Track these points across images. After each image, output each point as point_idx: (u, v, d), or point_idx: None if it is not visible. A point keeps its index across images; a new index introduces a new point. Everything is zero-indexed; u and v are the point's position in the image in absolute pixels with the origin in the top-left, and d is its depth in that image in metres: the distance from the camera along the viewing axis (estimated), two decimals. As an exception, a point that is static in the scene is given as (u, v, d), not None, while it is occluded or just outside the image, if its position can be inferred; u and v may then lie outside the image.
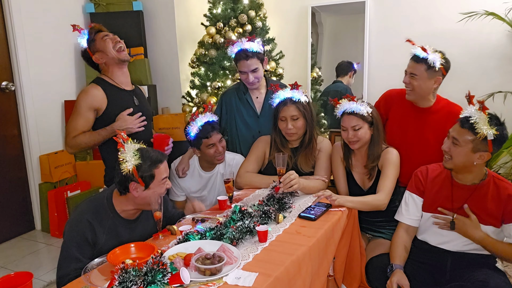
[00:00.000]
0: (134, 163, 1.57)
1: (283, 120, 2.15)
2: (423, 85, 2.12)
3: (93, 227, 1.59)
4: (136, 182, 1.59)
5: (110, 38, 2.19)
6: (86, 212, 1.62)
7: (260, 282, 1.27)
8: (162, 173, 1.65)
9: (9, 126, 3.27)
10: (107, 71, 2.23)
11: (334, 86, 3.65)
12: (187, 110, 3.54)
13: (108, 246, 1.58)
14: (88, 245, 1.58)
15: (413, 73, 2.12)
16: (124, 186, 1.61)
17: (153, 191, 1.63)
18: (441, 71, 2.12)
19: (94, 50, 2.18)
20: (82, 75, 3.69)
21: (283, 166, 1.96)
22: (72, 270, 1.53)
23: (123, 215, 1.69)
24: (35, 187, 3.39)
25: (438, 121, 2.18)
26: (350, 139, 2.04)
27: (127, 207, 1.68)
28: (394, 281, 1.72)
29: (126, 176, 1.58)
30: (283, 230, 1.67)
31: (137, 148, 1.61)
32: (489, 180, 1.75)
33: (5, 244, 3.22)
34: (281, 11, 3.77)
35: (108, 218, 1.64)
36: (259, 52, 2.32)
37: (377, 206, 1.96)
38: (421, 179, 1.89)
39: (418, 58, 2.10)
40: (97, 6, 3.70)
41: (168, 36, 3.77)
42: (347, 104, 2.04)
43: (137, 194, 1.61)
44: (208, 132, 2.21)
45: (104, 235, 1.62)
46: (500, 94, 2.88)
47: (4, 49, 3.20)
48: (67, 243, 1.58)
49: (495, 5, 2.91)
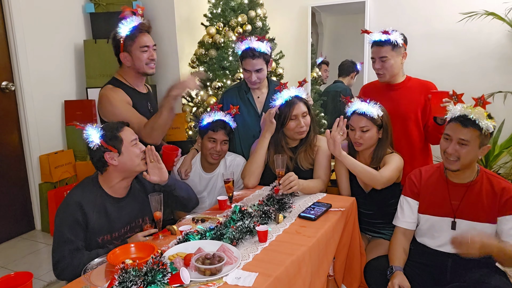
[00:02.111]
0: (98, 136, 1.66)
1: (294, 119, 2.13)
2: (394, 64, 2.23)
3: (82, 206, 1.63)
4: (108, 151, 1.66)
5: (148, 53, 2.13)
6: (74, 194, 1.67)
7: (260, 282, 1.27)
8: (129, 135, 1.72)
9: (9, 126, 3.27)
10: (126, 71, 2.19)
11: (334, 86, 3.66)
12: (187, 110, 3.54)
13: (98, 224, 1.66)
14: (79, 226, 1.62)
15: (383, 56, 2.21)
16: (101, 163, 1.68)
17: (128, 155, 1.69)
18: (404, 46, 2.25)
19: (126, 49, 2.11)
20: (82, 75, 3.69)
21: (282, 167, 1.96)
22: (66, 252, 1.56)
23: (111, 193, 1.73)
24: (35, 187, 3.39)
25: (412, 92, 2.27)
26: (356, 139, 2.04)
27: (113, 181, 1.73)
28: (395, 283, 1.70)
29: (98, 151, 1.66)
30: (283, 230, 1.67)
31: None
32: (481, 175, 1.75)
33: (5, 244, 3.22)
34: (281, 11, 3.77)
35: (96, 196, 1.69)
36: (266, 53, 2.32)
37: (374, 179, 1.93)
38: (415, 182, 1.88)
39: (381, 42, 2.20)
40: (97, 6, 3.70)
41: (168, 35, 3.76)
42: (359, 104, 2.04)
43: (116, 163, 1.68)
44: (217, 127, 2.25)
45: (94, 214, 1.66)
46: (500, 94, 2.88)
47: (4, 49, 3.20)
48: (59, 227, 1.62)
49: (495, 5, 2.91)
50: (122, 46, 2.11)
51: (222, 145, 2.27)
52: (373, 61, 2.28)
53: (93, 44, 3.61)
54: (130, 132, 1.75)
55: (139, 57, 2.12)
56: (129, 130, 1.75)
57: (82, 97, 3.69)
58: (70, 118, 3.54)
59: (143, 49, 2.12)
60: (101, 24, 3.70)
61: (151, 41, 2.16)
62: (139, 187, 1.87)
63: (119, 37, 2.12)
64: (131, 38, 2.10)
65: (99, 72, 3.54)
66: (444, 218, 1.80)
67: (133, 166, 1.72)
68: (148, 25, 2.16)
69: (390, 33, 2.18)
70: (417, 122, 2.28)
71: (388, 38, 2.18)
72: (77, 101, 3.62)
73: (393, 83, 2.31)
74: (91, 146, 1.65)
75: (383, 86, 2.32)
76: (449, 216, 1.78)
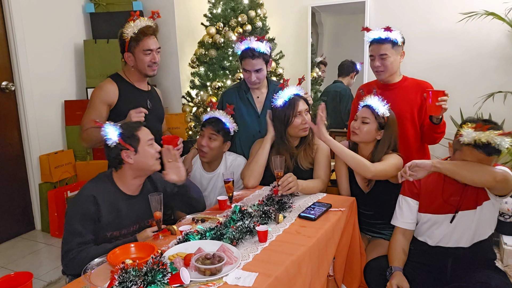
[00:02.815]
0: (116, 133, 1.69)
1: (299, 116, 2.15)
2: (394, 62, 2.23)
3: (96, 200, 1.66)
4: (125, 149, 1.69)
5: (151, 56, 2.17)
6: (88, 187, 1.71)
7: (260, 282, 1.27)
8: (146, 135, 1.76)
9: (9, 126, 3.27)
10: (129, 70, 2.24)
11: (334, 86, 3.65)
12: (187, 110, 3.54)
13: (109, 219, 1.69)
14: (91, 219, 1.65)
15: (383, 53, 2.21)
16: (117, 160, 1.72)
17: (144, 154, 1.73)
18: (402, 45, 2.25)
19: (130, 50, 2.16)
20: (82, 75, 3.69)
21: (281, 168, 1.97)
22: (74, 244, 1.59)
23: (125, 190, 1.77)
24: (35, 187, 3.39)
25: (408, 92, 2.28)
26: (354, 129, 2.07)
27: (128, 179, 1.76)
28: (394, 283, 1.71)
29: (115, 148, 1.69)
30: (283, 230, 1.67)
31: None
32: None
33: (5, 244, 3.22)
34: (281, 11, 3.77)
35: (109, 192, 1.73)
36: (265, 53, 2.32)
37: (364, 166, 1.92)
38: (414, 182, 1.88)
39: (382, 40, 2.20)
40: (97, 6, 3.70)
41: (168, 36, 3.77)
42: (370, 99, 2.08)
43: (132, 161, 1.71)
44: (209, 123, 2.27)
45: (106, 209, 1.69)
46: (500, 94, 2.88)
47: (4, 49, 3.20)
48: (70, 218, 1.65)
49: (495, 5, 2.91)
50: (127, 46, 2.16)
51: (208, 140, 2.26)
52: (371, 59, 2.28)
53: (93, 44, 3.61)
54: (147, 132, 1.79)
55: (142, 59, 2.17)
56: (146, 130, 1.79)
57: (82, 97, 3.69)
58: (70, 118, 3.54)
59: (146, 52, 2.16)
60: (101, 24, 3.70)
61: (155, 44, 2.20)
62: (151, 186, 1.90)
63: (125, 37, 2.16)
64: (136, 40, 2.15)
65: (99, 72, 3.54)
66: (444, 215, 1.80)
67: (148, 166, 1.76)
68: (154, 28, 2.20)
69: (392, 30, 2.19)
70: (413, 122, 2.28)
71: (389, 36, 2.18)
72: (77, 101, 3.62)
73: (389, 83, 2.31)
74: (108, 144, 1.69)
75: (379, 86, 2.32)
76: (451, 213, 1.79)
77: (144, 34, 2.15)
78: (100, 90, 2.18)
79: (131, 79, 2.25)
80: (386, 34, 2.19)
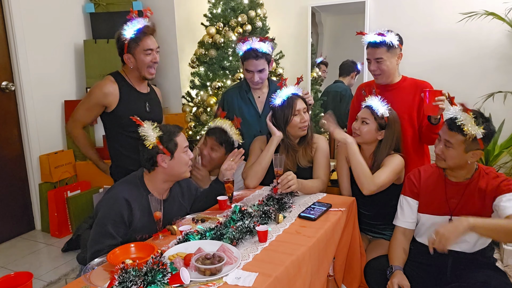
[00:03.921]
0: (156, 136, 1.69)
1: (297, 114, 2.14)
2: (390, 65, 2.21)
3: (130, 205, 1.67)
4: (162, 153, 1.69)
5: (152, 56, 2.16)
6: (123, 191, 1.71)
7: (260, 282, 1.27)
8: (183, 141, 1.77)
9: (9, 126, 3.26)
10: (129, 71, 2.22)
11: (334, 86, 3.65)
12: (187, 110, 3.54)
13: (141, 223, 1.70)
14: (123, 223, 1.66)
15: (378, 57, 2.19)
16: (152, 162, 1.72)
17: (179, 160, 1.74)
18: (399, 47, 2.22)
19: (130, 51, 2.14)
20: (82, 75, 3.69)
21: (280, 167, 1.97)
22: (106, 246, 1.60)
23: (155, 194, 1.76)
24: (35, 187, 3.39)
25: (406, 93, 2.26)
26: (355, 129, 2.08)
27: (158, 183, 1.77)
28: (395, 282, 1.71)
29: (152, 150, 1.69)
30: (283, 230, 1.67)
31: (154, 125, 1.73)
32: (479, 171, 1.76)
33: (5, 244, 3.22)
34: (281, 11, 3.77)
35: (142, 197, 1.72)
36: (267, 53, 2.33)
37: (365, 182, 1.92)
38: (414, 182, 1.89)
39: (376, 43, 2.18)
40: (97, 6, 3.70)
41: (168, 36, 3.77)
42: (371, 100, 2.09)
43: (166, 165, 1.72)
44: (213, 133, 2.27)
45: (139, 213, 1.69)
46: (500, 94, 2.88)
47: (4, 49, 3.20)
48: (103, 219, 1.65)
49: (495, 5, 2.91)
50: (126, 48, 2.14)
51: (210, 150, 2.27)
52: (368, 62, 2.27)
53: (93, 44, 3.62)
54: (184, 138, 1.80)
55: (143, 59, 2.15)
56: (183, 136, 1.80)
57: (82, 97, 3.68)
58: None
59: (147, 52, 2.15)
60: (101, 24, 3.70)
61: (155, 44, 2.19)
62: (179, 190, 1.91)
63: (124, 39, 2.14)
64: (136, 41, 2.13)
65: (99, 72, 3.54)
66: (442, 217, 1.80)
67: (180, 172, 1.77)
68: (152, 28, 2.19)
69: (385, 34, 2.17)
70: (412, 122, 2.26)
71: (383, 40, 2.16)
72: (77, 101, 3.60)
73: (388, 84, 2.31)
74: (146, 144, 1.68)
75: (378, 86, 2.31)
76: (447, 215, 1.79)
77: (143, 33, 2.14)
78: (100, 91, 2.15)
79: (131, 80, 2.23)
80: (380, 38, 2.17)
